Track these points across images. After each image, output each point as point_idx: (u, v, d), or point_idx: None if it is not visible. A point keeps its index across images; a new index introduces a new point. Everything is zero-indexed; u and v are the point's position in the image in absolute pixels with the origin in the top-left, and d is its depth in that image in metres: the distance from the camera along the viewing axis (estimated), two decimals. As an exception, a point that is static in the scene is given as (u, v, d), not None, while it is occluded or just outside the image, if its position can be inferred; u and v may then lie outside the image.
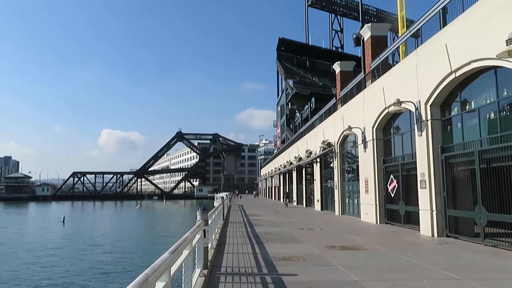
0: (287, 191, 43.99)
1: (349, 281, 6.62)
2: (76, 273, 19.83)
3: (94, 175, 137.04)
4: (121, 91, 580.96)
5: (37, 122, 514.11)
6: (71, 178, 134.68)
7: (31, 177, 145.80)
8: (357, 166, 20.99)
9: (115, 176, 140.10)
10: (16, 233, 36.29)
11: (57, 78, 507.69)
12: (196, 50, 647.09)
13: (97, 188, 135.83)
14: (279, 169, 51.84)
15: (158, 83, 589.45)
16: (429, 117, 13.26)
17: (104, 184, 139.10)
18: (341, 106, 25.22)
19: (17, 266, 21.05)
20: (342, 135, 23.34)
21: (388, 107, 15.63)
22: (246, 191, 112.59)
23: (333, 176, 25.60)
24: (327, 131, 26.88)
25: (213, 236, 10.47)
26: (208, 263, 7.23)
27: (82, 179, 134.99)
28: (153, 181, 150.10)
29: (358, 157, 20.81)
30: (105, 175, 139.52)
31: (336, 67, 29.76)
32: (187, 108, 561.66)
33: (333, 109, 27.83)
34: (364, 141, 19.27)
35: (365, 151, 19.31)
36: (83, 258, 24.03)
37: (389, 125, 17.79)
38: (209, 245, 8.06)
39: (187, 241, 4.65)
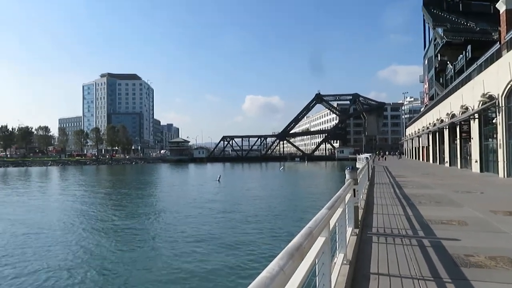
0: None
1: (526, 250, 5.75)
2: (250, 216, 23.02)
3: (241, 139, 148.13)
4: (261, 57, 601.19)
5: (192, 91, 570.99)
6: (221, 142, 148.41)
7: (189, 142, 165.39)
8: (529, 121, 17.91)
9: (259, 139, 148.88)
10: (184, 190, 41.90)
11: (205, 47, 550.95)
12: (331, 6, 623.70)
13: (244, 151, 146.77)
14: (428, 127, 47.77)
15: (294, 45, 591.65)
16: None
17: (250, 146, 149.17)
18: (507, 51, 21.51)
19: (205, 215, 24.24)
20: (509, 86, 20.08)
21: None
22: (387, 152, 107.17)
23: (496, 133, 22.42)
24: (488, 82, 23.42)
25: (361, 196, 10.29)
26: (359, 223, 7.15)
27: (231, 142, 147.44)
28: (294, 143, 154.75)
29: (530, 111, 17.71)
30: (250, 138, 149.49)
31: (501, 5, 25.31)
32: (325, 69, 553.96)
33: (496, 56, 23.94)
34: (540, 91, 16.21)
35: (540, 103, 16.28)
36: (249, 207, 26.99)
37: None
38: (358, 205, 7.94)
39: (341, 198, 4.62)
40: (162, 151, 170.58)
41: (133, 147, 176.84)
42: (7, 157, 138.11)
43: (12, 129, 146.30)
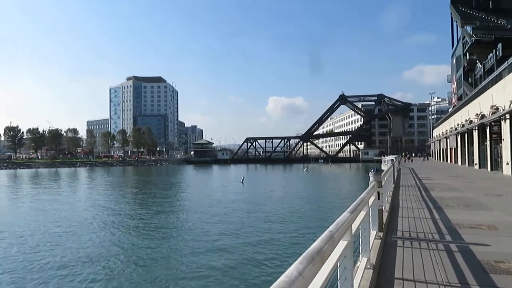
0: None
1: (561, 257, 5.51)
2: (274, 217, 23.31)
3: (264, 140, 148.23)
4: (285, 57, 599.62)
5: (216, 93, 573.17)
6: (245, 144, 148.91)
7: (213, 143, 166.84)
8: None
9: (282, 141, 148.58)
10: (212, 190, 42.25)
11: (228, 49, 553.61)
12: (354, 7, 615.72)
13: (267, 152, 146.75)
14: (456, 128, 46.49)
15: (318, 46, 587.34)
16: None
17: (273, 148, 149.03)
18: (541, 49, 20.72)
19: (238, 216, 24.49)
20: (542, 85, 19.31)
21: None
22: (413, 154, 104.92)
23: (529, 134, 21.61)
24: (520, 81, 22.62)
25: (386, 199, 10.11)
26: (383, 226, 7.02)
27: (254, 144, 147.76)
28: (318, 145, 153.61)
29: None
30: (273, 140, 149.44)
31: (533, 2, 24.36)
32: (349, 70, 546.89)
33: (529, 54, 23.11)
34: None
35: None
36: (273, 208, 27.06)
37: None
38: (383, 208, 7.80)
39: (364, 201, 4.55)
40: (191, 153, 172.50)
41: (158, 149, 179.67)
42: (38, 158, 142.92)
43: (43, 131, 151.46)
